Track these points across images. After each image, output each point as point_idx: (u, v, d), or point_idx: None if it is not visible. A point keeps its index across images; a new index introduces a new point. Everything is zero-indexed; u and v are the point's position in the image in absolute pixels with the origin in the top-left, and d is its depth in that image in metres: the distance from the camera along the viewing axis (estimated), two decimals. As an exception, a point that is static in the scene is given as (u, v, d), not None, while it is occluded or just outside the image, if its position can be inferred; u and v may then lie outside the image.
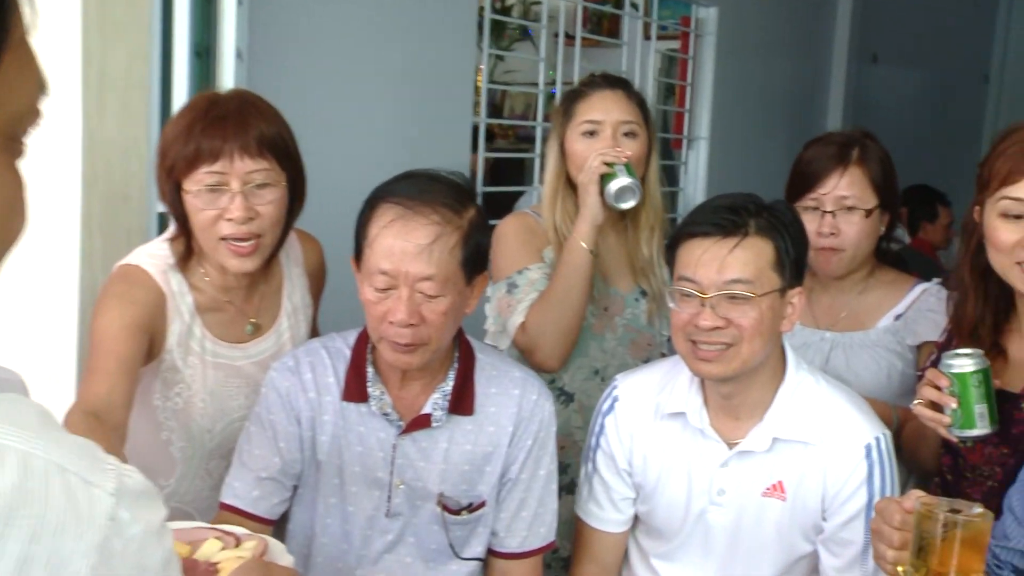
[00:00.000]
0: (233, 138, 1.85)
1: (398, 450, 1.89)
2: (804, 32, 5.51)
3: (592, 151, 2.32)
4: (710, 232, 1.82)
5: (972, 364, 1.83)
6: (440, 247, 1.75)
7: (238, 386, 2.05)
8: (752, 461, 1.89)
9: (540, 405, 1.95)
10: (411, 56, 3.31)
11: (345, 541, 1.94)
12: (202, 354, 2.00)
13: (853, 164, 2.27)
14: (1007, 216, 1.85)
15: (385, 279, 1.76)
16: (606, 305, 2.45)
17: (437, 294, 1.76)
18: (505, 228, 2.44)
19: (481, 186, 3.80)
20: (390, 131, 3.25)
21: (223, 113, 1.88)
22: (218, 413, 2.04)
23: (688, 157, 4.87)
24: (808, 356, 2.30)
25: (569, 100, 2.42)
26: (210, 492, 2.08)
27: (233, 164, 1.85)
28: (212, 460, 2.08)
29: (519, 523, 1.96)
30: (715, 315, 1.79)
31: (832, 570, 1.88)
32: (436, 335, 1.79)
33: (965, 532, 1.42)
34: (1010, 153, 1.84)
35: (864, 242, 2.29)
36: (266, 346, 2.08)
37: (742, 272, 1.79)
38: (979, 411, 1.83)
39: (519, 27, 5.93)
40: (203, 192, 1.87)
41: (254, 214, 1.88)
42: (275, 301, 2.11)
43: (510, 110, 6.76)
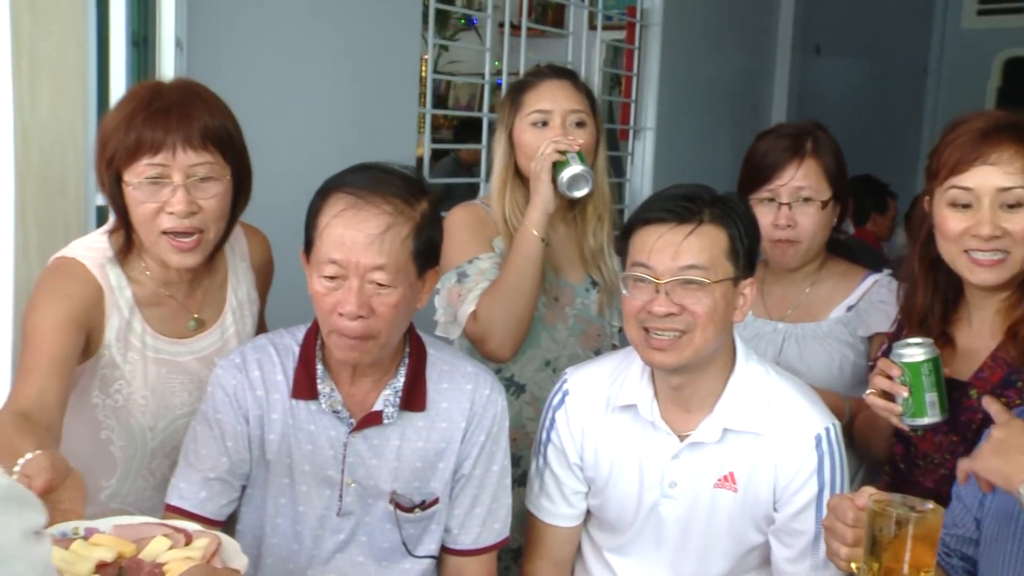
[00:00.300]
0: (176, 130, 1.80)
1: (349, 448, 1.86)
2: (749, 23, 5.54)
3: (543, 140, 2.31)
4: (665, 219, 1.81)
5: (923, 353, 1.85)
6: (392, 237, 1.72)
7: (181, 383, 2.00)
8: (703, 452, 1.89)
9: (493, 400, 1.93)
10: (355, 46, 3.27)
11: (296, 541, 1.90)
12: (143, 349, 1.95)
13: (808, 156, 2.29)
14: (955, 205, 1.87)
15: (335, 268, 1.72)
16: (556, 295, 2.44)
17: (388, 284, 1.73)
18: (455, 218, 2.41)
19: (428, 177, 3.75)
20: (333, 123, 3.20)
21: (167, 104, 1.82)
22: (160, 410, 1.98)
23: (634, 148, 4.87)
24: (761, 347, 2.32)
25: (517, 91, 2.41)
26: (153, 492, 2.03)
27: (175, 157, 1.80)
28: (155, 459, 2.03)
29: (473, 520, 1.94)
30: (669, 301, 1.79)
31: (783, 561, 1.89)
32: (386, 328, 1.76)
33: (917, 528, 1.43)
34: (958, 143, 1.86)
35: (819, 234, 2.31)
36: (210, 341, 2.04)
37: (697, 258, 1.79)
38: (930, 399, 1.86)
39: (464, 17, 5.89)
40: (144, 184, 1.82)
41: (196, 208, 1.84)
42: (220, 296, 2.06)
43: (455, 100, 6.73)
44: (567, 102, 2.36)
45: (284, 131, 3.01)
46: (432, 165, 5.41)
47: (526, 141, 2.36)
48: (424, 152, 3.80)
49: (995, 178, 1.82)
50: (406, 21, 3.48)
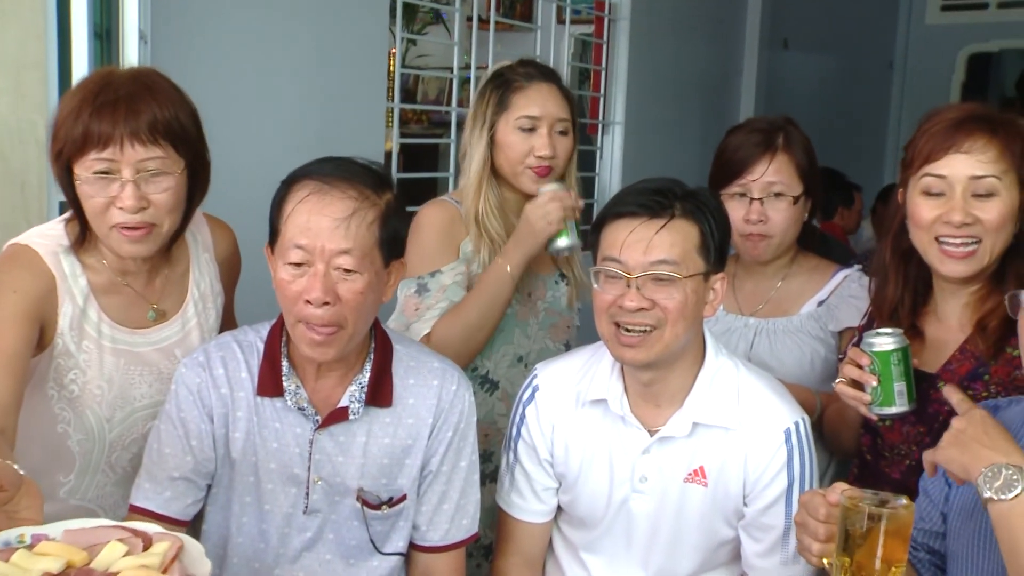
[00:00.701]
0: (124, 124, 1.76)
1: (315, 445, 1.85)
2: (717, 17, 5.55)
3: (528, 145, 2.32)
4: (637, 213, 1.81)
5: (892, 343, 1.87)
6: (358, 221, 1.71)
7: (141, 374, 1.97)
8: (673, 447, 1.88)
9: (460, 396, 1.92)
10: (322, 40, 3.24)
11: (262, 540, 1.89)
12: (98, 339, 1.92)
13: (780, 151, 2.29)
14: (928, 193, 1.89)
15: (301, 254, 1.71)
16: (530, 291, 2.44)
17: (354, 270, 1.72)
18: (426, 219, 2.38)
19: (396, 172, 3.73)
20: (300, 117, 3.18)
21: (114, 97, 1.77)
22: (118, 401, 1.95)
23: (603, 142, 4.86)
24: (732, 342, 2.33)
25: (503, 89, 2.38)
26: (114, 488, 2.01)
27: (123, 151, 1.76)
28: (114, 452, 1.99)
29: (441, 516, 1.93)
30: (640, 296, 1.78)
31: (753, 555, 1.89)
32: (353, 317, 1.74)
33: (889, 524, 1.43)
34: (933, 132, 1.88)
35: (791, 228, 2.32)
36: (171, 332, 2.01)
37: (668, 253, 1.79)
38: (898, 389, 1.87)
39: (432, 11, 5.87)
40: (93, 179, 1.78)
41: (146, 203, 1.80)
42: (181, 286, 2.03)
43: (423, 95, 6.70)
44: (556, 109, 2.36)
45: (250, 125, 2.98)
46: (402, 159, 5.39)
47: (510, 143, 2.35)
48: (392, 147, 3.77)
49: (968, 167, 1.84)
50: (373, 15, 3.46)
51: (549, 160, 2.34)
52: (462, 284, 2.34)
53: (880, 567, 1.44)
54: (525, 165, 2.35)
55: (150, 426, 1.95)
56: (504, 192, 2.41)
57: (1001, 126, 1.85)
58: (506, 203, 2.41)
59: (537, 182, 2.34)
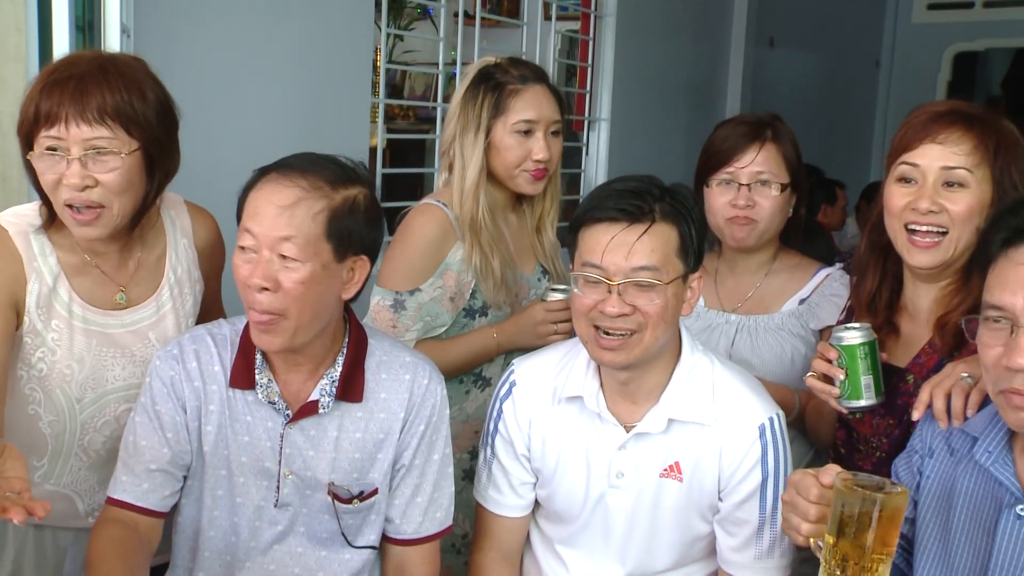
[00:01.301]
0: (70, 104, 1.77)
1: (286, 439, 1.85)
2: (703, 15, 5.55)
3: (525, 148, 2.32)
4: (617, 218, 1.80)
5: (859, 337, 1.89)
6: (302, 210, 1.72)
7: (113, 356, 1.97)
8: (649, 443, 1.89)
9: (432, 390, 1.92)
10: (306, 34, 3.23)
11: (233, 533, 1.89)
12: (69, 318, 1.92)
13: (769, 141, 2.32)
14: (902, 180, 1.91)
15: (248, 239, 1.73)
16: (517, 291, 2.44)
17: (295, 258, 1.71)
18: (414, 232, 2.35)
19: (381, 168, 3.72)
20: (284, 112, 3.17)
21: (66, 76, 1.79)
22: (89, 382, 1.95)
23: (589, 139, 4.86)
24: (714, 339, 2.34)
25: (498, 92, 2.35)
26: (89, 472, 2.01)
27: (70, 130, 1.78)
28: (86, 435, 1.99)
29: (414, 509, 1.93)
30: (622, 302, 1.78)
31: (728, 550, 1.89)
32: (295, 307, 1.73)
33: (884, 508, 1.43)
34: (913, 123, 1.91)
35: (776, 217, 2.33)
36: (144, 315, 2.01)
37: (649, 259, 1.78)
38: (865, 382, 1.89)
39: (419, 6, 5.85)
40: (43, 155, 1.81)
41: (92, 182, 1.81)
42: (157, 270, 2.03)
43: (410, 91, 6.69)
44: (549, 111, 2.36)
45: (234, 120, 2.97)
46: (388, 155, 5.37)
47: (507, 147, 2.34)
48: (378, 142, 3.75)
49: (941, 156, 1.86)
50: (358, 10, 3.45)
51: (546, 162, 2.35)
52: (440, 299, 2.33)
53: (871, 552, 1.43)
54: (522, 168, 2.34)
55: (123, 408, 1.97)
56: (495, 193, 2.39)
57: (979, 121, 1.87)
58: (496, 204, 2.40)
59: (534, 186, 2.36)
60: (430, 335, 2.35)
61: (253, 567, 1.90)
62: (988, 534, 1.54)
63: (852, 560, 1.45)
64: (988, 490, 1.56)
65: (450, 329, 2.38)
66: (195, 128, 2.86)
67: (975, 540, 1.56)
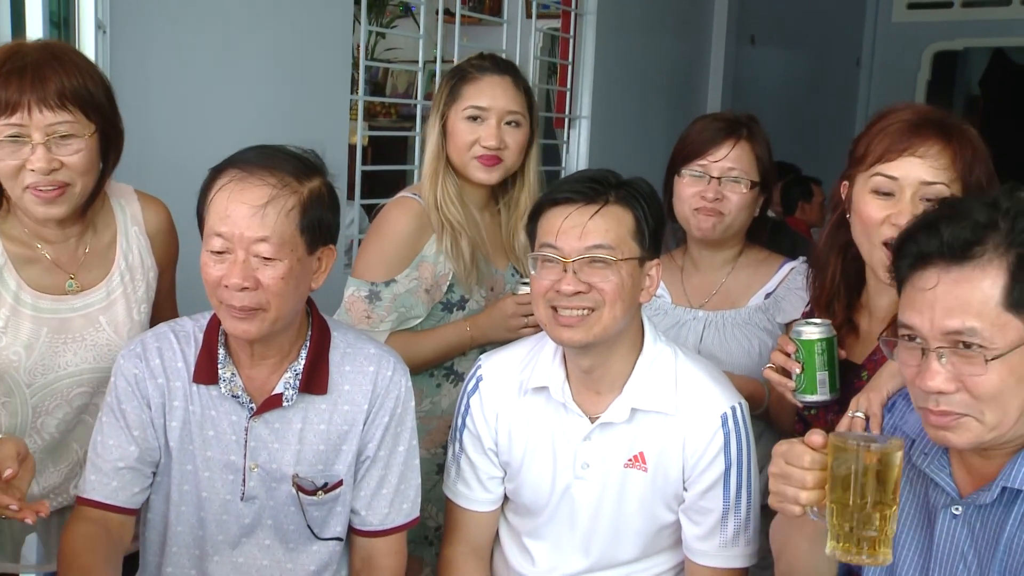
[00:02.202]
0: (31, 91, 1.80)
1: (251, 433, 1.85)
2: (684, 13, 5.56)
3: (475, 134, 2.32)
4: (572, 199, 1.83)
5: (818, 332, 1.90)
6: (275, 208, 1.71)
7: (65, 342, 1.98)
8: (613, 433, 1.90)
9: (396, 381, 1.92)
10: (285, 32, 3.22)
11: (201, 528, 1.89)
12: (16, 305, 1.93)
13: (743, 139, 2.35)
14: (878, 192, 1.88)
15: (220, 242, 1.72)
16: (491, 285, 2.45)
17: (273, 257, 1.72)
18: (389, 224, 2.37)
19: (360, 165, 3.71)
20: (262, 108, 3.16)
21: (21, 64, 1.82)
22: (38, 368, 1.96)
23: (570, 136, 4.87)
24: (683, 335, 2.35)
25: (456, 79, 2.39)
26: (45, 455, 2.02)
27: (32, 116, 1.81)
28: (39, 418, 2.00)
29: (380, 501, 1.94)
30: (577, 280, 1.80)
31: (693, 539, 1.91)
32: (275, 302, 1.74)
33: (884, 460, 1.42)
34: (890, 131, 1.87)
35: (742, 213, 2.35)
36: (94, 299, 2.02)
37: (603, 238, 1.81)
38: (820, 378, 1.90)
39: (401, 3, 5.83)
40: (4, 143, 1.82)
41: (58, 164, 1.85)
42: (107, 256, 2.05)
43: (392, 88, 6.67)
44: (505, 101, 2.36)
45: (210, 117, 2.96)
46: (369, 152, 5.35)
47: (458, 131, 2.35)
48: (357, 139, 3.74)
49: (920, 171, 1.83)
50: (337, 7, 3.43)
51: (495, 150, 2.34)
52: (415, 291, 2.34)
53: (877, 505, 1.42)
54: (471, 154, 2.35)
55: (76, 392, 1.99)
56: (463, 184, 2.40)
57: (955, 134, 1.85)
58: (465, 193, 2.40)
59: (486, 173, 2.35)
60: (404, 327, 2.36)
61: (222, 561, 1.90)
62: (927, 533, 1.56)
63: (860, 517, 1.43)
64: (926, 491, 1.57)
65: (426, 322, 2.39)
66: (171, 125, 2.86)
67: (916, 539, 1.58)
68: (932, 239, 1.44)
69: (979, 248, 1.41)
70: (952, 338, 1.41)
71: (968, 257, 1.41)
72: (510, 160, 2.37)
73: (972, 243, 1.41)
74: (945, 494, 1.54)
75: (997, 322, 1.39)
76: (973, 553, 1.50)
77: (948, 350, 1.41)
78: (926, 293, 1.44)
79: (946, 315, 1.41)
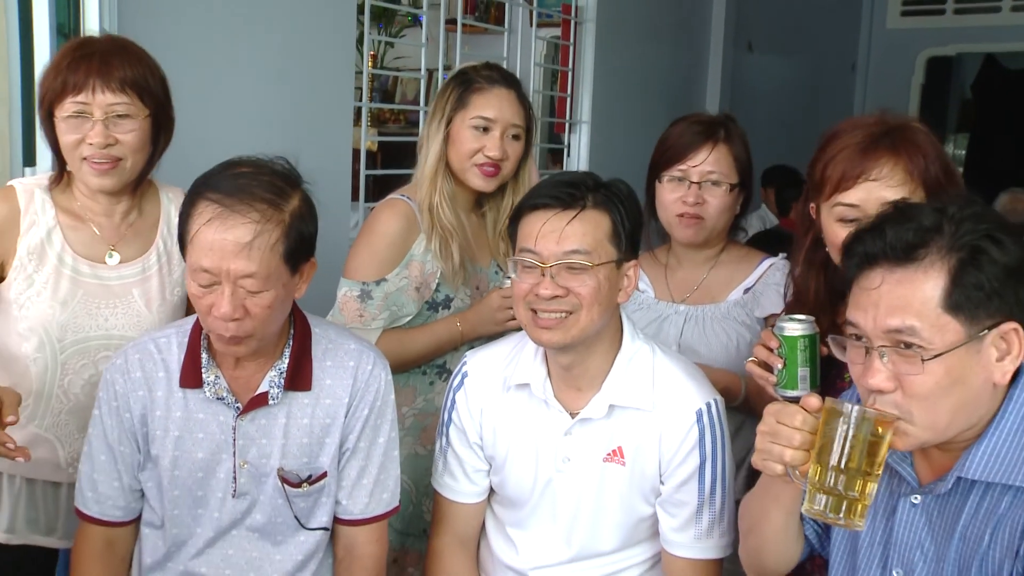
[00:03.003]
0: (96, 75, 1.99)
1: (238, 431, 1.86)
2: (682, 20, 5.54)
3: (480, 143, 2.34)
4: (550, 205, 1.83)
5: (801, 329, 1.88)
6: (260, 244, 1.70)
7: (97, 306, 2.09)
8: (592, 428, 1.90)
9: (376, 375, 1.93)
10: (289, 42, 3.23)
11: (197, 525, 1.91)
12: (58, 265, 2.06)
13: (721, 142, 2.33)
14: (844, 221, 1.84)
15: (207, 276, 1.71)
16: (477, 283, 2.45)
17: (260, 290, 1.72)
18: (380, 226, 2.37)
19: (364, 169, 3.72)
20: (267, 116, 3.16)
21: (90, 52, 2.02)
22: (70, 325, 2.07)
23: (571, 140, 4.86)
24: (664, 329, 2.36)
25: (464, 87, 2.39)
26: (69, 416, 2.10)
27: (95, 97, 1.99)
28: (67, 376, 2.08)
29: (360, 490, 1.95)
30: (555, 284, 1.80)
31: (669, 530, 1.91)
32: (261, 327, 1.76)
33: (876, 429, 1.41)
34: (840, 159, 1.84)
35: (723, 215, 2.35)
36: (131, 272, 2.13)
37: (580, 243, 1.81)
38: (802, 374, 1.89)
39: (409, 14, 5.85)
40: (69, 118, 2.00)
41: (113, 140, 2.01)
42: (148, 236, 2.17)
43: (402, 95, 6.69)
44: (510, 114, 2.38)
45: (216, 126, 2.96)
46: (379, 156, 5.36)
47: (463, 139, 2.36)
48: (362, 144, 3.75)
49: (879, 192, 1.80)
50: (340, 17, 3.44)
51: (497, 161, 2.36)
52: (406, 289, 2.35)
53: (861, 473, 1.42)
54: (473, 162, 2.36)
55: (101, 355, 2.08)
56: (456, 188, 2.41)
57: (903, 145, 1.81)
58: (457, 197, 2.41)
59: (484, 182, 2.37)
60: (396, 324, 2.37)
61: (212, 552, 1.92)
62: (888, 520, 1.57)
63: (843, 478, 1.43)
64: (889, 481, 1.58)
65: (414, 321, 2.40)
66: (178, 131, 2.86)
67: (877, 525, 1.58)
68: (877, 240, 1.45)
69: (923, 250, 1.41)
70: (893, 336, 1.41)
71: (912, 259, 1.42)
72: (507, 170, 2.40)
73: (916, 245, 1.42)
74: (906, 483, 1.55)
75: (936, 323, 1.40)
76: (930, 541, 1.51)
77: (889, 349, 1.42)
78: (871, 292, 1.45)
79: (888, 314, 1.42)
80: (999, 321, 1.41)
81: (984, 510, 1.45)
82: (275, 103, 3.19)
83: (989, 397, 1.44)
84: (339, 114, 3.48)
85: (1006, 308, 1.41)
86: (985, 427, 1.45)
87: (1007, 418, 1.44)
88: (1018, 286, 1.41)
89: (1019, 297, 1.41)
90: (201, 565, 1.91)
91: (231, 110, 3.04)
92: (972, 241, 1.40)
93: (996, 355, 1.42)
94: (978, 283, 1.39)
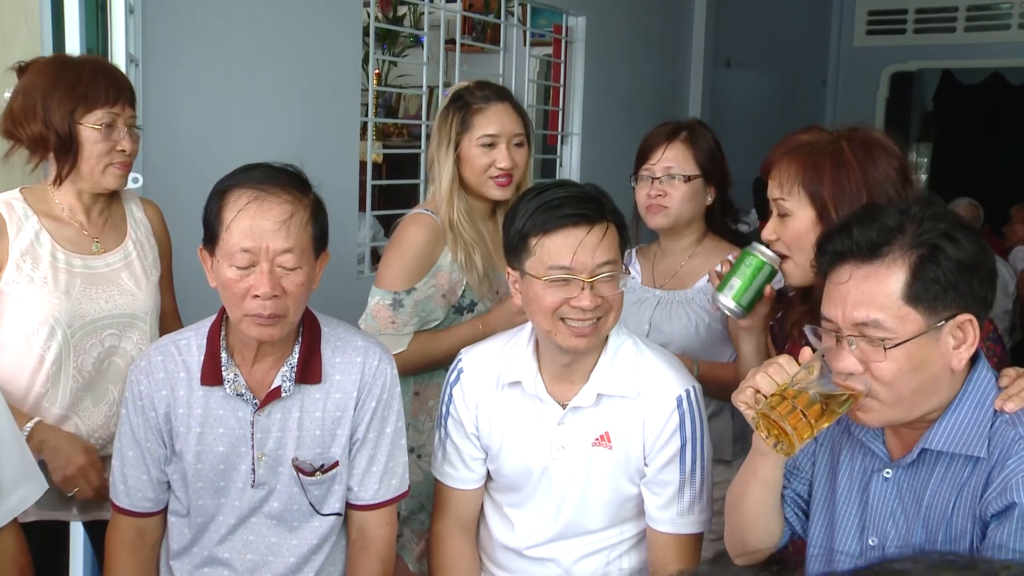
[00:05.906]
0: (124, 89, 2.14)
1: (256, 425, 1.88)
2: (664, 38, 5.55)
3: (490, 158, 2.38)
4: (579, 223, 1.80)
5: (759, 253, 1.96)
6: (296, 222, 1.76)
7: (97, 291, 2.15)
8: (582, 415, 1.92)
9: (382, 370, 1.94)
10: (302, 62, 3.25)
11: (220, 513, 1.92)
12: (53, 261, 2.10)
13: (679, 141, 2.44)
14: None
15: (247, 257, 1.74)
16: (497, 288, 2.48)
17: (295, 266, 1.76)
18: (408, 238, 2.40)
19: (370, 179, 3.74)
20: (280, 132, 3.19)
21: (103, 69, 2.15)
22: (77, 310, 2.11)
23: (563, 151, 4.87)
24: (640, 310, 2.44)
25: (464, 110, 2.41)
26: (83, 392, 2.13)
27: (124, 109, 2.13)
28: (78, 357, 2.12)
29: (370, 478, 1.96)
30: (594, 295, 1.80)
31: (654, 508, 1.92)
32: (294, 306, 1.79)
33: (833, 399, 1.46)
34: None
35: (687, 204, 2.44)
36: (115, 259, 2.20)
37: (609, 254, 1.82)
38: (733, 282, 1.98)
39: (411, 35, 5.86)
40: (103, 128, 2.10)
41: (131, 148, 2.15)
42: (121, 229, 2.25)
43: (405, 110, 6.70)
44: (512, 126, 2.41)
45: (234, 141, 2.98)
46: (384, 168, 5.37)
47: (473, 157, 2.39)
48: (367, 157, 3.76)
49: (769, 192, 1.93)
50: (347, 40, 3.46)
51: (509, 170, 2.39)
52: (434, 296, 2.40)
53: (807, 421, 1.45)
54: (488, 176, 2.40)
55: (107, 333, 2.14)
56: (471, 200, 2.44)
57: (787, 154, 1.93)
58: (473, 210, 2.45)
59: (502, 191, 2.40)
60: (424, 328, 2.41)
61: (234, 538, 1.93)
62: (863, 493, 1.59)
63: (789, 410, 1.46)
64: (863, 458, 1.60)
65: (441, 324, 2.44)
66: (197, 145, 2.88)
67: (854, 499, 1.61)
68: (845, 239, 1.48)
69: (887, 248, 1.44)
70: (860, 328, 1.44)
71: (877, 256, 1.44)
72: (519, 176, 2.43)
73: (880, 244, 1.45)
74: (878, 459, 1.57)
75: (898, 314, 1.42)
76: (901, 511, 1.54)
77: (857, 338, 1.45)
78: (840, 287, 1.47)
79: (855, 308, 1.44)
80: (955, 313, 1.43)
81: (948, 481, 1.48)
82: (288, 119, 3.21)
83: (948, 381, 1.47)
84: (347, 129, 3.50)
85: (961, 300, 1.43)
86: (946, 406, 1.48)
87: (967, 399, 1.48)
88: (971, 279, 1.44)
89: (972, 290, 1.44)
90: (224, 550, 1.92)
91: (247, 126, 3.06)
92: (931, 239, 1.43)
93: (953, 343, 1.45)
94: (936, 277, 1.42)
